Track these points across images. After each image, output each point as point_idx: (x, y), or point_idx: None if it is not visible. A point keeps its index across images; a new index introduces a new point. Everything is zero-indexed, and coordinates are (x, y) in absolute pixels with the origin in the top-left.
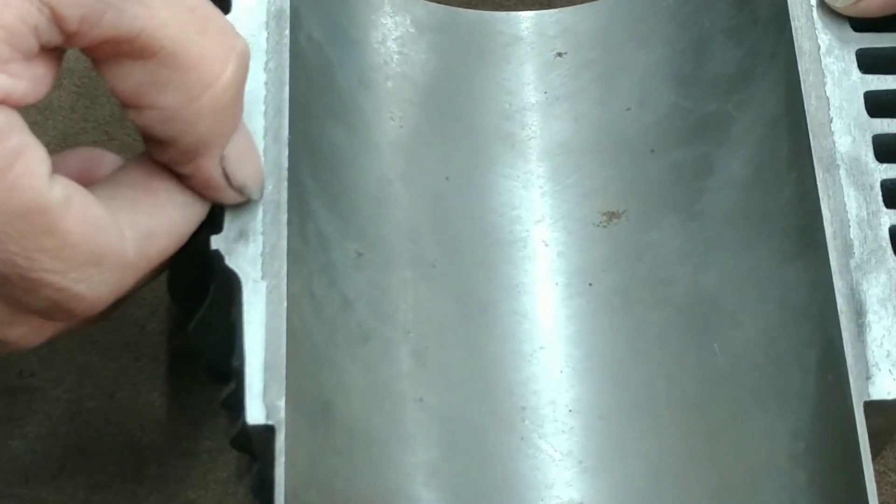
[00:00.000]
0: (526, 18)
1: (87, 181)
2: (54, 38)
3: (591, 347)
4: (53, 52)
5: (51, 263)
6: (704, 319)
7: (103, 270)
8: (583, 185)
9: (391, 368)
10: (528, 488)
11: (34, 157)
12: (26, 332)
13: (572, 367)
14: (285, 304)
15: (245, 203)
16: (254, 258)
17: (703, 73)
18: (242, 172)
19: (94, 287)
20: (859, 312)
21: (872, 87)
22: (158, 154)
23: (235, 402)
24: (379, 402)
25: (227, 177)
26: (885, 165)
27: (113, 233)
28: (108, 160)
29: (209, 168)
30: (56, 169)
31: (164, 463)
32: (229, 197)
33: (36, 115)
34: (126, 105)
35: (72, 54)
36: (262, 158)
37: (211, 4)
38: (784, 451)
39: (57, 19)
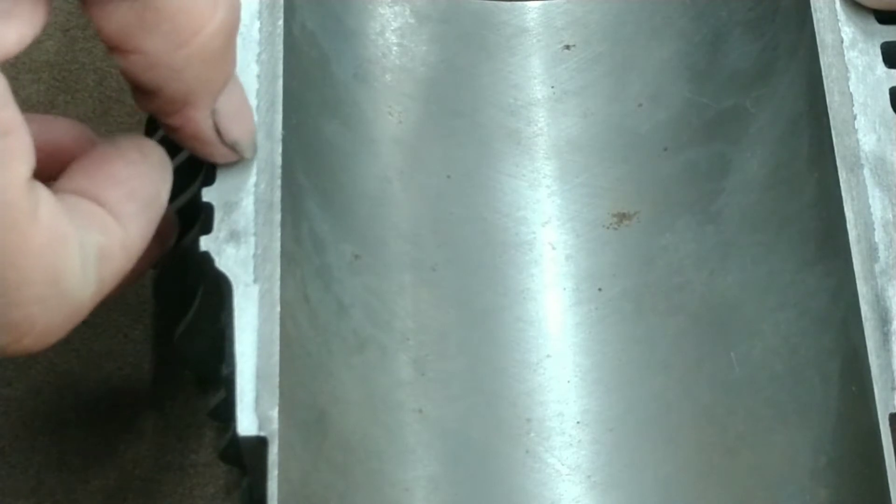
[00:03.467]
0: (532, 8)
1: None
2: None
3: (600, 356)
4: None
5: (7, 271)
6: (720, 327)
7: (59, 294)
8: (592, 184)
9: (389, 378)
10: None
11: (23, 141)
12: None
13: (580, 377)
14: (278, 308)
15: (236, 202)
16: (245, 260)
17: (720, 67)
18: (235, 128)
19: (48, 312)
20: (885, 320)
21: None
22: (145, 104)
23: (225, 413)
24: (376, 413)
25: (218, 132)
26: None
27: (75, 253)
28: (59, 128)
29: (198, 120)
30: None
31: (149, 478)
32: (220, 154)
33: None
34: (111, 48)
35: (52, 47)
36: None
37: None
38: (805, 467)
39: None
